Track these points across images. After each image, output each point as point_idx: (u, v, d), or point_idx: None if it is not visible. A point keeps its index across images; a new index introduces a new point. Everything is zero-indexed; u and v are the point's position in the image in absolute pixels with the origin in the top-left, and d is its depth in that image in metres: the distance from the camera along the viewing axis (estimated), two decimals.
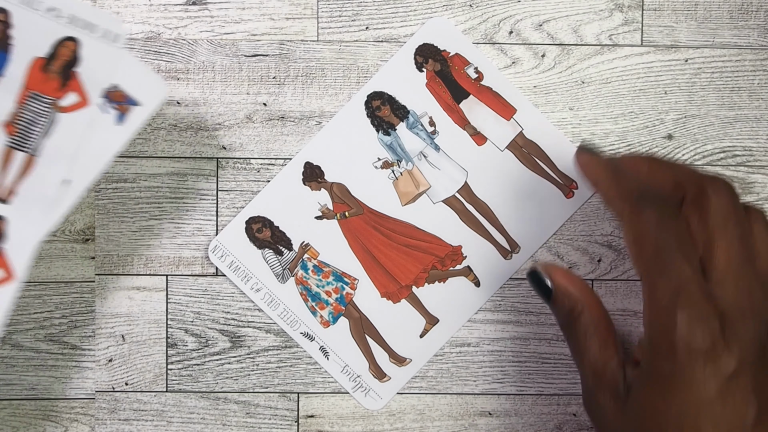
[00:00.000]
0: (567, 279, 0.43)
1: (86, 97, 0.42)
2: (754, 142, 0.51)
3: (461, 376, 0.50)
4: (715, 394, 0.36)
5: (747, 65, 0.50)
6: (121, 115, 0.42)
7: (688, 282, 0.37)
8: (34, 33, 0.41)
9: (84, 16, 0.41)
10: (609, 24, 0.50)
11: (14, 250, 0.42)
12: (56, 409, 0.50)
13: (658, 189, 0.41)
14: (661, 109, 0.50)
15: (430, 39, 0.50)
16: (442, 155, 0.50)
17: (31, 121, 0.42)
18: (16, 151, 0.42)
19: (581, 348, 0.42)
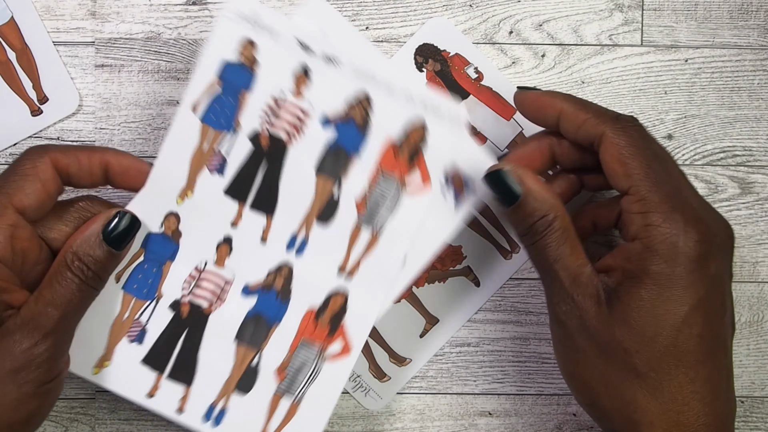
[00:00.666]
0: (539, 183, 0.41)
1: (429, 179, 0.44)
2: (754, 142, 0.51)
3: (461, 376, 0.50)
4: (704, 293, 0.38)
5: (747, 65, 0.50)
6: (458, 198, 0.44)
7: (681, 189, 0.39)
8: (391, 116, 0.43)
9: (432, 102, 0.43)
10: (609, 24, 0.50)
11: (354, 324, 0.44)
12: (56, 409, 0.50)
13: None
14: (661, 109, 0.50)
15: (430, 39, 0.50)
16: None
17: (379, 199, 0.44)
18: (363, 228, 0.44)
19: (554, 254, 0.40)
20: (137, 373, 0.44)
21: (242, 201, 0.44)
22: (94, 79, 0.49)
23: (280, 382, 0.44)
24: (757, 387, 0.51)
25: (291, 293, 0.44)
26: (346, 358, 0.44)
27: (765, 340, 0.51)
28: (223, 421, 0.44)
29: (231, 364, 0.44)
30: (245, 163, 0.44)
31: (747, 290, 0.51)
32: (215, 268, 0.44)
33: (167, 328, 0.44)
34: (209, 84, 0.43)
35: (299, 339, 0.44)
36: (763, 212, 0.51)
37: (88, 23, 0.49)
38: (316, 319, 0.44)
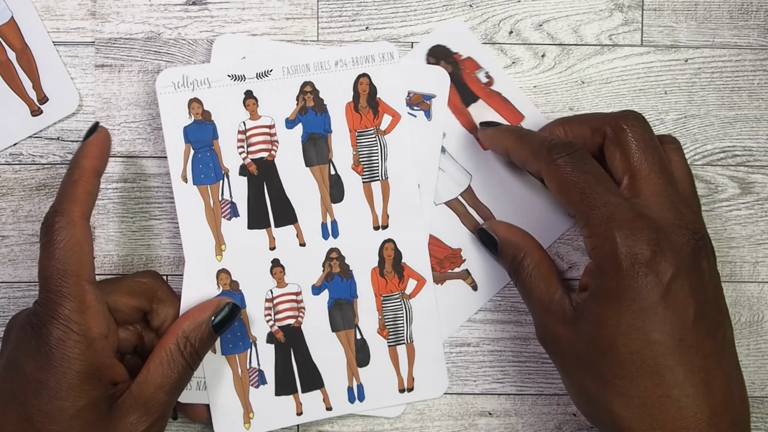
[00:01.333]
0: (509, 230, 0.48)
1: (396, 113, 0.49)
2: (754, 142, 0.51)
3: (461, 376, 0.50)
4: (657, 299, 0.39)
5: (747, 65, 0.50)
6: (426, 111, 0.49)
7: (617, 206, 0.41)
8: (335, 86, 0.48)
9: (361, 53, 0.48)
10: (609, 24, 0.50)
11: (413, 259, 0.49)
12: None
13: (577, 142, 0.44)
14: (661, 109, 0.50)
15: (444, 41, 0.50)
16: (447, 157, 0.50)
17: (369, 154, 0.49)
18: (372, 184, 0.49)
19: (528, 287, 0.45)
20: (278, 405, 0.49)
21: (267, 226, 0.49)
22: (94, 79, 0.49)
23: (387, 338, 0.49)
24: (757, 387, 0.51)
25: (349, 268, 0.49)
26: (425, 288, 0.49)
27: (765, 340, 0.51)
28: (365, 394, 0.49)
29: (342, 351, 0.49)
30: (250, 195, 0.48)
31: (747, 290, 0.51)
32: (280, 290, 0.49)
33: (277, 358, 0.49)
34: (183, 152, 0.48)
35: (380, 298, 0.49)
36: (763, 212, 0.51)
37: (88, 23, 0.49)
38: (381, 275, 0.49)
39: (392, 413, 0.50)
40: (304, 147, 0.49)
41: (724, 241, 0.51)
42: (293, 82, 0.48)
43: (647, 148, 0.43)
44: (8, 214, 0.49)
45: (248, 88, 0.48)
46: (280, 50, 0.49)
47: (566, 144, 0.43)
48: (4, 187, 0.49)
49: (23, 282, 0.49)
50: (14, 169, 0.49)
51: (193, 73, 0.48)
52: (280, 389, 0.49)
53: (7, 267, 0.49)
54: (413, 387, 0.49)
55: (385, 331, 0.49)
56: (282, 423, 0.49)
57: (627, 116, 0.44)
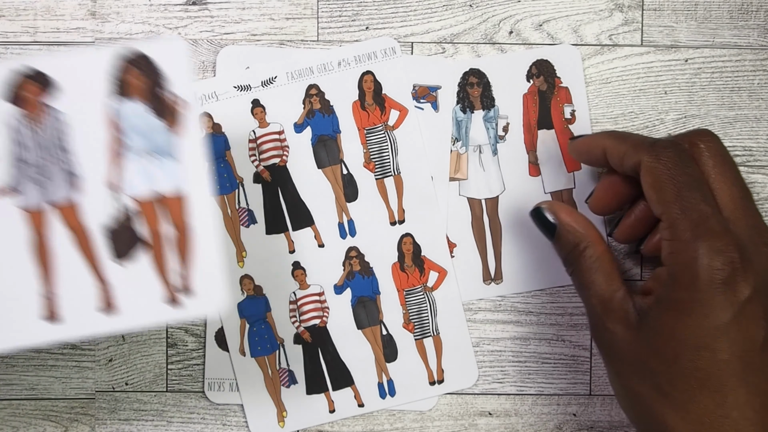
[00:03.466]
0: (571, 216, 0.45)
1: (403, 107, 0.49)
2: (754, 142, 0.51)
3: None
4: (730, 318, 0.38)
5: (747, 65, 0.50)
6: (433, 103, 0.49)
7: (708, 217, 0.39)
8: (340, 86, 0.49)
9: (363, 51, 0.49)
10: (609, 24, 0.50)
11: (433, 251, 0.50)
12: (56, 409, 0.50)
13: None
14: (661, 109, 0.50)
15: (554, 59, 0.50)
16: (494, 160, 0.50)
17: (380, 150, 0.49)
18: (385, 180, 0.49)
19: (588, 281, 0.43)
20: (310, 404, 0.50)
21: (284, 230, 0.49)
22: None
23: (413, 332, 0.50)
24: None
25: (370, 265, 0.50)
26: (447, 279, 0.50)
27: None
28: (395, 388, 0.50)
29: (369, 348, 0.50)
30: (266, 201, 0.49)
31: None
32: (303, 291, 0.50)
33: (305, 358, 0.50)
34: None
35: (402, 293, 0.50)
36: (763, 212, 0.51)
37: (88, 23, 0.49)
38: (401, 270, 0.50)
39: (424, 406, 0.50)
40: (315, 149, 0.49)
41: None
42: (298, 87, 0.49)
43: (725, 162, 0.42)
44: None
45: (255, 96, 0.49)
46: (283, 56, 0.49)
47: (672, 142, 0.41)
48: None
49: None
50: None
51: (200, 89, 0.48)
52: (310, 388, 0.50)
53: None
54: (443, 379, 0.50)
55: (411, 325, 0.50)
56: (315, 421, 0.50)
57: (701, 133, 0.43)
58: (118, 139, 0.41)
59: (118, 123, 0.41)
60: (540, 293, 0.50)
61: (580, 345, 0.51)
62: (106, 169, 0.41)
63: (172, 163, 0.41)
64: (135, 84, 0.41)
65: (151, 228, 0.41)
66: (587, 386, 0.51)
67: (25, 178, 0.40)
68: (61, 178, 0.40)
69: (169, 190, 0.41)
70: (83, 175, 0.41)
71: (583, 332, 0.51)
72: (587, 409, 0.51)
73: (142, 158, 0.41)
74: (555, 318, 0.51)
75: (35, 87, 0.40)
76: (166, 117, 0.41)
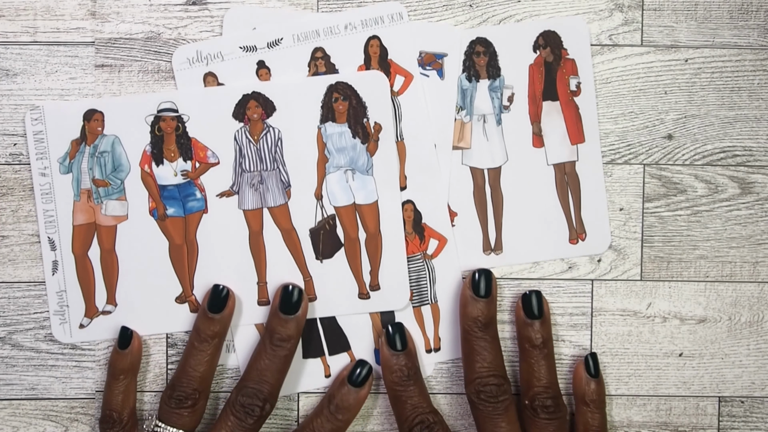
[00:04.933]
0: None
1: (408, 73, 0.49)
2: (754, 142, 0.51)
3: (461, 376, 0.50)
4: None
5: (747, 65, 0.50)
6: (439, 71, 0.49)
7: None
8: (346, 50, 0.49)
9: (370, 15, 0.49)
10: (609, 24, 0.50)
11: (433, 219, 0.50)
12: (56, 409, 0.50)
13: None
14: (661, 109, 0.50)
15: (561, 31, 0.50)
16: (498, 130, 0.50)
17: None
18: (388, 147, 0.49)
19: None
20: (306, 368, 0.50)
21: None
22: (94, 79, 0.49)
23: (411, 299, 0.50)
24: (757, 387, 0.51)
25: None
26: (447, 247, 0.50)
27: (765, 340, 0.51)
28: None
29: (367, 314, 0.50)
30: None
31: (747, 290, 0.51)
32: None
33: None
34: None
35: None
36: (763, 212, 0.51)
37: (88, 23, 0.49)
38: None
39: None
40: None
41: (724, 241, 0.51)
42: (304, 49, 0.49)
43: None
44: (8, 214, 0.49)
45: (260, 58, 0.49)
46: (290, 18, 0.49)
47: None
48: (4, 187, 0.49)
49: (23, 282, 0.49)
50: (14, 169, 0.49)
51: (206, 48, 0.48)
52: (307, 352, 0.50)
53: (7, 267, 0.49)
54: (440, 347, 0.50)
55: (410, 293, 0.50)
56: (311, 385, 0.50)
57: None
58: (324, 156, 0.48)
59: (324, 142, 0.48)
60: None
61: (580, 345, 0.51)
62: (313, 180, 0.49)
63: (368, 178, 0.48)
64: (340, 109, 0.48)
65: (348, 232, 0.49)
66: None
67: (245, 183, 0.48)
68: (275, 186, 0.48)
69: (364, 201, 0.48)
70: (293, 184, 0.48)
71: (583, 332, 0.51)
72: None
73: (343, 173, 0.49)
74: (555, 318, 0.51)
75: (258, 107, 0.48)
76: (364, 138, 0.48)
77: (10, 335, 0.50)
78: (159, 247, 0.49)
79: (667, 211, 0.50)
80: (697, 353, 0.51)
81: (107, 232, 0.49)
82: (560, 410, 0.47)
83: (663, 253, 0.51)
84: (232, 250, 0.49)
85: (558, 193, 0.50)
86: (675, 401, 0.51)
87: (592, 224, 0.50)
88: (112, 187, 0.48)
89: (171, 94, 0.48)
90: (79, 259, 0.49)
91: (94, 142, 0.48)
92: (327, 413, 0.47)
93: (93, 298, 0.49)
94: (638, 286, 0.51)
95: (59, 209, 0.48)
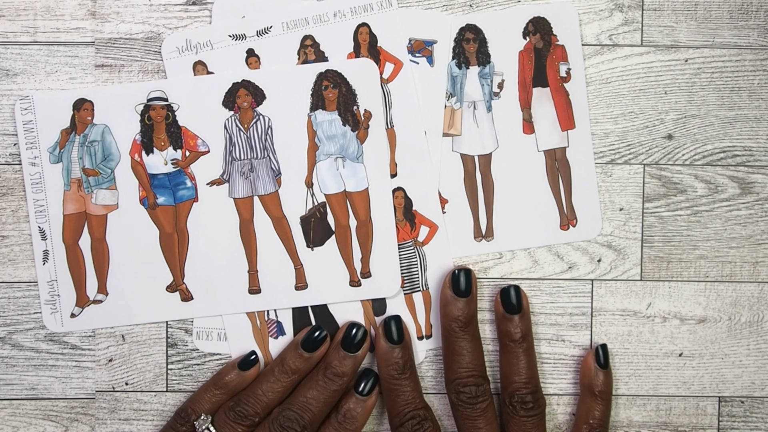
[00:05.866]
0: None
1: (398, 60, 0.49)
2: (754, 142, 0.51)
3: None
4: None
5: (747, 65, 0.50)
6: (429, 58, 0.49)
7: None
8: (335, 38, 0.49)
9: (359, 2, 0.49)
10: (609, 24, 0.50)
11: (424, 206, 0.50)
12: (56, 409, 0.50)
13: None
14: (661, 109, 0.50)
15: (551, 17, 0.50)
16: (488, 117, 0.50)
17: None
18: (378, 134, 0.49)
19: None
20: None
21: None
22: (94, 79, 0.49)
23: (402, 286, 0.50)
24: (757, 387, 0.51)
25: None
26: (438, 234, 0.50)
27: (765, 340, 0.51)
28: None
29: (358, 302, 0.50)
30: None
31: (747, 290, 0.51)
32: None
33: (294, 309, 0.50)
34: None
35: None
36: (763, 212, 0.51)
37: (88, 23, 0.49)
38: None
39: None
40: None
41: (724, 241, 0.51)
42: (293, 37, 0.49)
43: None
44: (8, 214, 0.49)
45: (250, 46, 0.49)
46: (279, 6, 0.49)
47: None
48: (4, 187, 0.49)
49: (23, 282, 0.49)
50: (14, 169, 0.49)
51: (195, 36, 0.48)
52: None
53: (7, 267, 0.49)
54: (432, 334, 0.50)
55: (401, 280, 0.50)
56: None
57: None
58: (314, 144, 0.48)
59: (315, 130, 0.48)
60: (540, 294, 0.50)
61: (580, 345, 0.51)
62: (304, 168, 0.49)
63: (358, 165, 0.48)
64: (330, 97, 0.48)
65: (339, 220, 0.49)
66: None
67: (235, 171, 0.48)
68: (265, 174, 0.48)
69: (354, 188, 0.48)
70: (284, 172, 0.48)
71: (583, 332, 0.51)
72: None
73: (333, 160, 0.48)
74: (555, 318, 0.51)
75: (248, 96, 0.48)
76: (354, 126, 0.48)
77: (10, 335, 0.50)
78: (149, 236, 0.49)
79: (667, 211, 0.50)
80: (697, 353, 0.51)
81: (98, 221, 0.49)
82: (539, 405, 0.47)
83: (663, 253, 0.51)
84: (223, 238, 0.49)
85: (548, 179, 0.50)
86: (675, 401, 0.51)
87: (582, 210, 0.50)
88: (102, 176, 0.48)
89: (161, 83, 0.48)
90: (69, 248, 0.49)
91: (84, 131, 0.48)
92: (335, 423, 0.47)
93: (84, 288, 0.49)
94: (638, 286, 0.51)
95: (49, 199, 0.48)
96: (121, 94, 0.48)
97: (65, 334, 0.50)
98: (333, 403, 0.47)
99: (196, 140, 0.48)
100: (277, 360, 0.48)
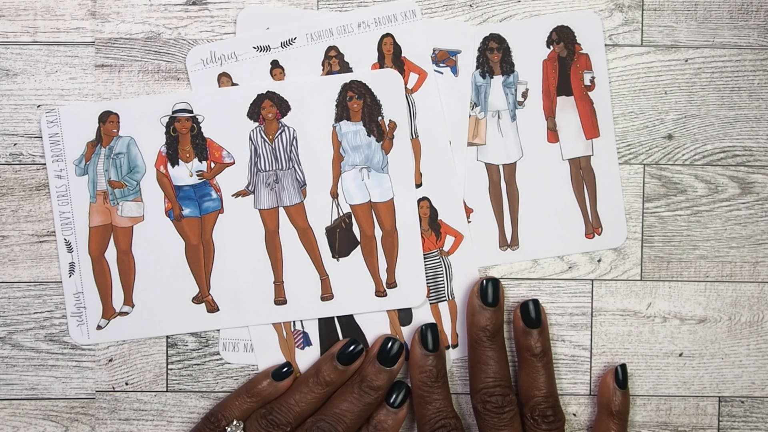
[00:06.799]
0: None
1: (422, 71, 0.49)
2: (754, 142, 0.51)
3: (461, 376, 0.50)
4: None
5: (747, 65, 0.50)
6: (453, 68, 0.49)
7: None
8: (360, 48, 0.49)
9: (383, 13, 0.49)
10: (609, 24, 0.50)
11: (449, 216, 0.50)
12: (56, 409, 0.50)
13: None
14: (661, 109, 0.50)
15: (574, 26, 0.50)
16: (512, 126, 0.50)
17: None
18: (404, 145, 0.49)
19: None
20: None
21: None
22: (94, 79, 0.49)
23: (428, 296, 0.50)
24: (757, 387, 0.51)
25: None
26: (463, 244, 0.50)
27: (765, 340, 0.51)
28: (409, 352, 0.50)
29: (384, 312, 0.50)
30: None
31: (747, 290, 0.51)
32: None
33: (320, 320, 0.50)
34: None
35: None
36: (763, 212, 0.51)
37: (88, 23, 0.49)
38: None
39: None
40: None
41: (724, 241, 0.51)
42: (318, 48, 0.49)
43: None
44: (8, 214, 0.49)
45: (274, 57, 0.49)
46: (303, 17, 0.49)
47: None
48: (4, 187, 0.49)
49: (23, 282, 0.49)
50: (14, 169, 0.49)
51: (220, 49, 0.48)
52: (325, 350, 0.50)
53: (7, 267, 0.49)
54: (458, 343, 0.50)
55: (427, 290, 0.50)
56: None
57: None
58: (339, 154, 0.48)
59: (339, 140, 0.48)
60: (540, 294, 0.50)
61: (580, 345, 0.51)
62: (329, 178, 0.49)
63: (383, 175, 0.49)
64: (354, 108, 0.48)
65: (364, 230, 0.49)
66: (587, 386, 0.51)
67: (260, 182, 0.48)
68: (290, 185, 0.48)
69: (379, 198, 0.49)
70: (309, 183, 0.49)
71: (583, 332, 0.51)
72: (587, 409, 0.51)
73: (358, 171, 0.49)
74: (555, 318, 0.51)
75: (272, 107, 0.48)
76: (379, 136, 0.48)
77: (10, 335, 0.50)
78: (175, 248, 0.49)
79: (667, 211, 0.50)
80: (697, 353, 0.51)
81: (123, 233, 0.49)
82: (559, 419, 0.47)
83: (663, 253, 0.51)
84: (249, 249, 0.49)
85: (573, 187, 0.50)
86: (675, 401, 0.51)
87: (608, 218, 0.50)
88: (127, 188, 0.48)
89: (185, 94, 0.48)
90: (95, 260, 0.49)
91: (110, 143, 0.48)
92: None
93: (110, 300, 0.49)
94: (638, 286, 0.51)
95: (75, 211, 0.49)
96: (147, 106, 0.48)
97: (65, 334, 0.50)
98: (366, 416, 0.47)
99: (221, 152, 0.49)
100: (311, 371, 0.48)
